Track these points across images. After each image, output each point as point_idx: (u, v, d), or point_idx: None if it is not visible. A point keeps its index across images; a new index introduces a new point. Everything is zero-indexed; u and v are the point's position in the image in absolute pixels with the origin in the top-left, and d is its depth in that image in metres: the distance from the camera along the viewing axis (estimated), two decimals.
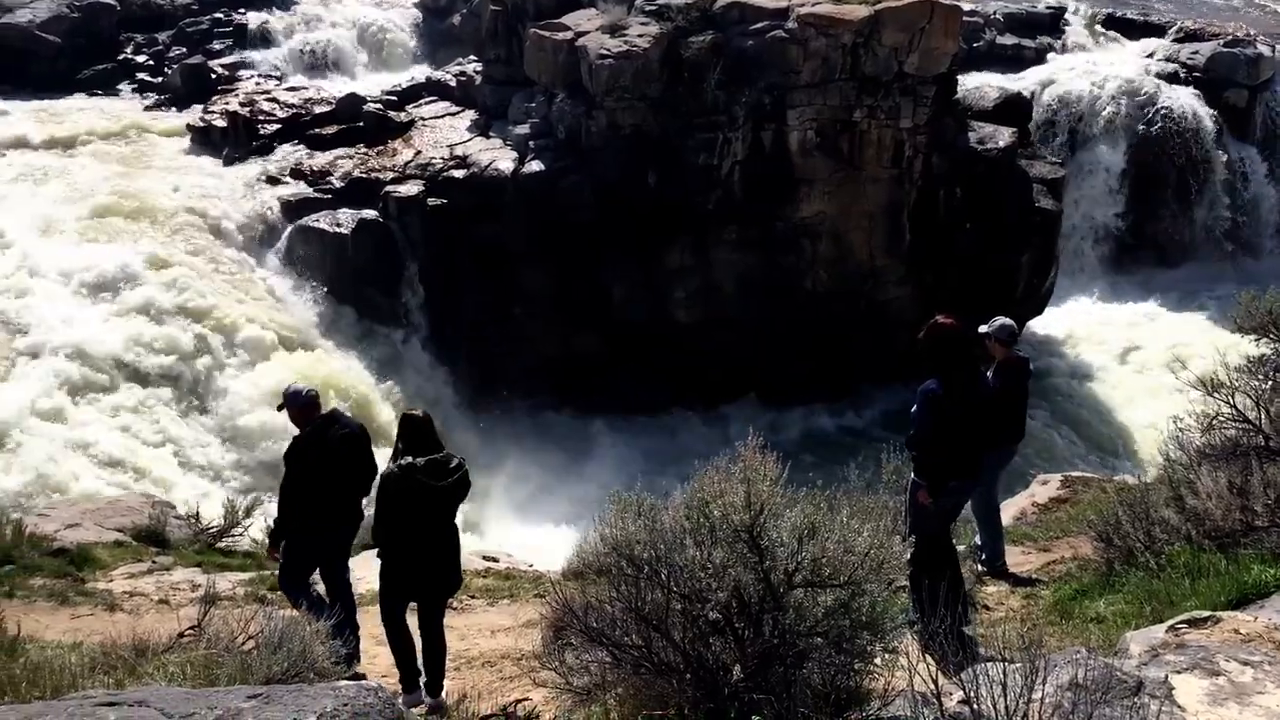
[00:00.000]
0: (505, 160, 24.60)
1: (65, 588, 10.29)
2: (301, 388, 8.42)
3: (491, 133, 26.25)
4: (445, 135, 26.63)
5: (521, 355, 23.91)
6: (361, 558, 9.88)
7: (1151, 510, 7.97)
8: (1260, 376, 8.46)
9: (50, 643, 7.64)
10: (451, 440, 10.16)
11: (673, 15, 24.45)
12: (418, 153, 25.80)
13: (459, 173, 24.59)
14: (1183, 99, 30.97)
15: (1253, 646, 5.14)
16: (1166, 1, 37.91)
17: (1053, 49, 34.15)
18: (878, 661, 5.60)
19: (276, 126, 27.54)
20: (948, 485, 7.72)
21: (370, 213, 24.02)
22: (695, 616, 5.57)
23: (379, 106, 27.83)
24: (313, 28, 34.98)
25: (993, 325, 9.23)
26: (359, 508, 8.47)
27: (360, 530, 8.69)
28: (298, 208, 24.39)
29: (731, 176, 24.24)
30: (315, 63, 33.74)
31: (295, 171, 25.56)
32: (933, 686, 4.46)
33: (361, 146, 26.46)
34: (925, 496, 7.67)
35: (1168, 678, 4.75)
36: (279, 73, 32.38)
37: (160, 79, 31.69)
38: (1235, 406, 8.20)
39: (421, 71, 32.29)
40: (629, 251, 24.00)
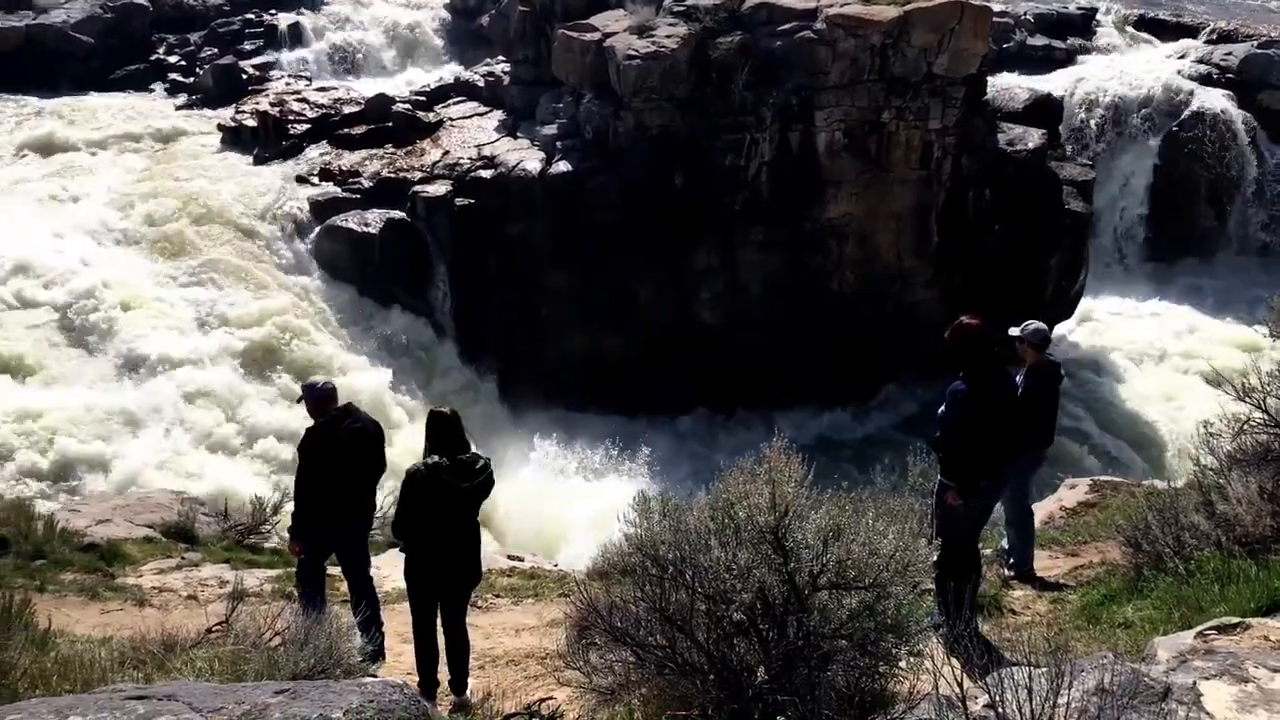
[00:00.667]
0: (532, 160, 24.66)
1: (95, 583, 10.39)
2: (319, 380, 8.50)
3: (519, 133, 26.33)
4: (473, 135, 26.72)
5: (547, 355, 23.96)
6: (387, 556, 9.93)
7: (1181, 515, 7.90)
8: None
9: (80, 637, 7.72)
10: (477, 440, 10.18)
11: (701, 16, 24.44)
12: (446, 153, 25.90)
13: (486, 173, 24.67)
14: (1215, 101, 30.69)
15: None
16: (1199, 2, 37.56)
17: (1083, 50, 33.93)
18: (902, 664, 5.58)
19: (306, 126, 27.72)
20: (979, 486, 7.62)
21: (398, 213, 24.15)
22: (720, 617, 5.57)
23: (407, 107, 27.98)
24: (342, 28, 35.27)
25: (1024, 329, 9.16)
26: (371, 502, 8.50)
27: (379, 526, 8.71)
28: (326, 207, 24.55)
29: (758, 177, 24.20)
30: (345, 63, 34.00)
31: (324, 172, 25.72)
32: (958, 690, 4.44)
33: (390, 146, 26.58)
34: (954, 498, 7.56)
35: (1196, 684, 4.71)
36: (309, 73, 32.63)
37: (192, 79, 31.98)
38: (1267, 411, 8.12)
39: (450, 72, 32.46)
40: (655, 252, 24.00)
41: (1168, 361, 27.44)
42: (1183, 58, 32.81)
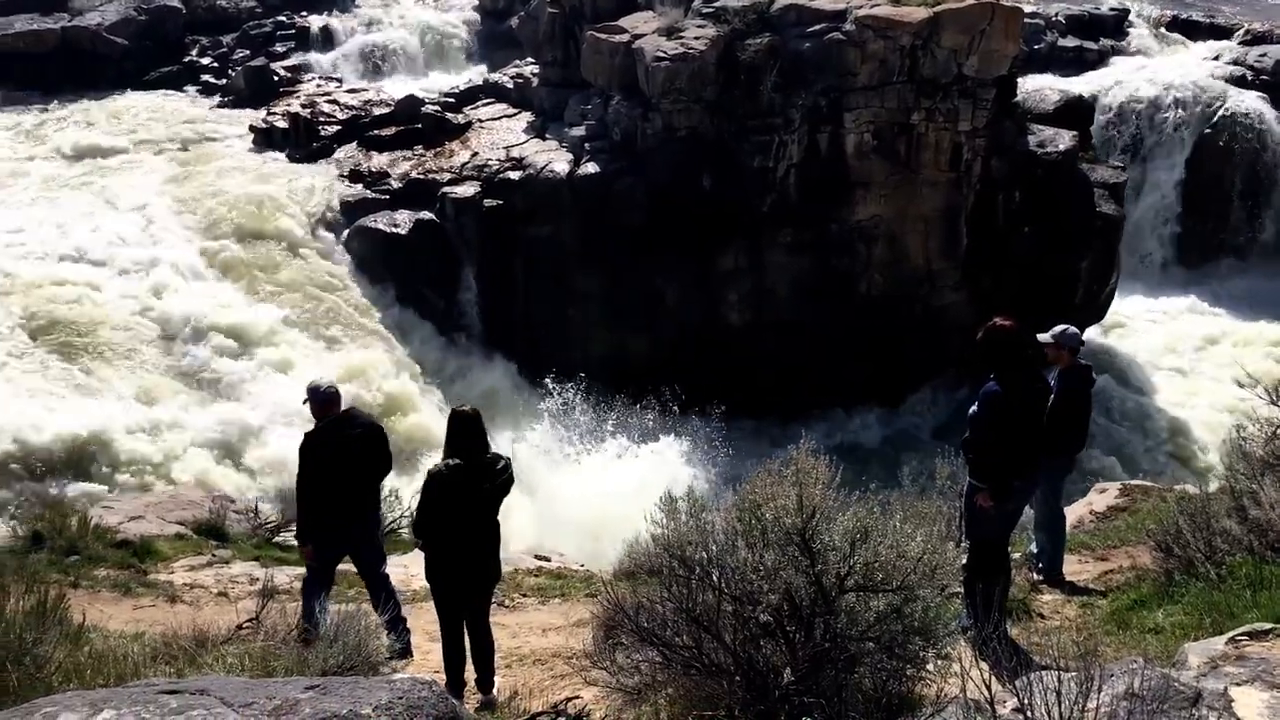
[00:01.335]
0: (561, 162, 24.72)
1: (128, 579, 10.53)
2: (322, 383, 8.40)
3: (547, 134, 26.38)
4: (502, 137, 26.80)
5: (574, 356, 23.97)
6: (413, 555, 9.99)
7: (1213, 520, 7.83)
8: None
9: (114, 632, 7.81)
10: (497, 442, 10.24)
11: (729, 18, 24.41)
12: (474, 154, 25.99)
13: (515, 174, 24.75)
14: (1249, 102, 30.39)
15: None
16: (1233, 3, 37.19)
17: (1115, 51, 33.64)
18: (930, 667, 5.57)
19: (336, 128, 27.90)
20: (1011, 487, 7.54)
21: (427, 214, 24.26)
22: (746, 618, 5.58)
23: (437, 108, 28.11)
24: (373, 30, 35.47)
25: (1056, 333, 9.10)
26: (375, 502, 8.52)
27: (391, 527, 8.72)
28: (355, 208, 24.70)
29: (787, 179, 24.15)
30: (375, 65, 34.18)
31: (354, 173, 25.87)
32: (986, 694, 4.43)
33: (419, 148, 26.70)
34: (985, 500, 7.48)
35: (1227, 689, 4.67)
36: (339, 74, 32.85)
37: (224, 81, 32.29)
38: None
39: (479, 73, 32.57)
40: (683, 254, 23.98)
41: (1199, 364, 27.18)
42: (1216, 59, 32.48)
